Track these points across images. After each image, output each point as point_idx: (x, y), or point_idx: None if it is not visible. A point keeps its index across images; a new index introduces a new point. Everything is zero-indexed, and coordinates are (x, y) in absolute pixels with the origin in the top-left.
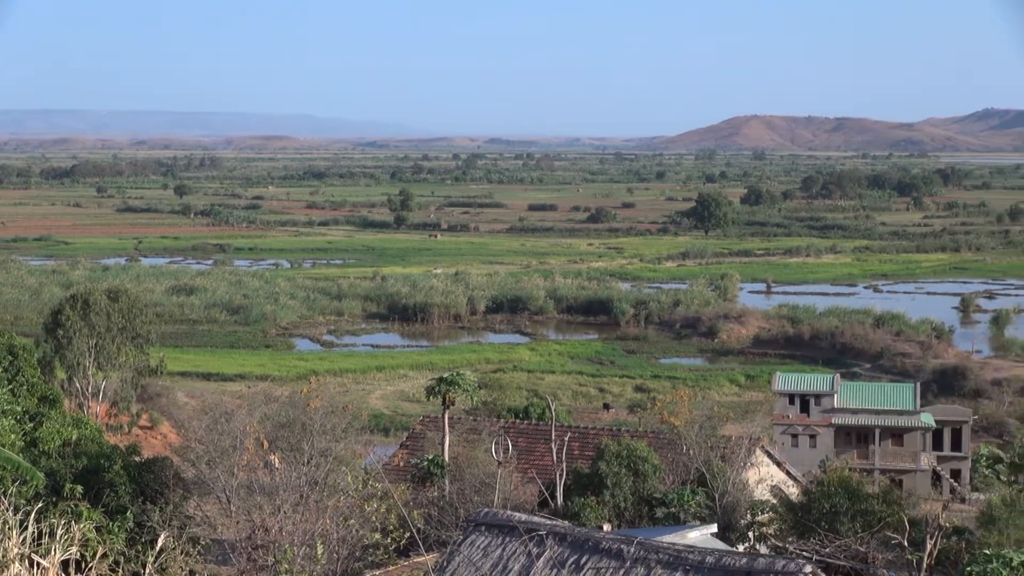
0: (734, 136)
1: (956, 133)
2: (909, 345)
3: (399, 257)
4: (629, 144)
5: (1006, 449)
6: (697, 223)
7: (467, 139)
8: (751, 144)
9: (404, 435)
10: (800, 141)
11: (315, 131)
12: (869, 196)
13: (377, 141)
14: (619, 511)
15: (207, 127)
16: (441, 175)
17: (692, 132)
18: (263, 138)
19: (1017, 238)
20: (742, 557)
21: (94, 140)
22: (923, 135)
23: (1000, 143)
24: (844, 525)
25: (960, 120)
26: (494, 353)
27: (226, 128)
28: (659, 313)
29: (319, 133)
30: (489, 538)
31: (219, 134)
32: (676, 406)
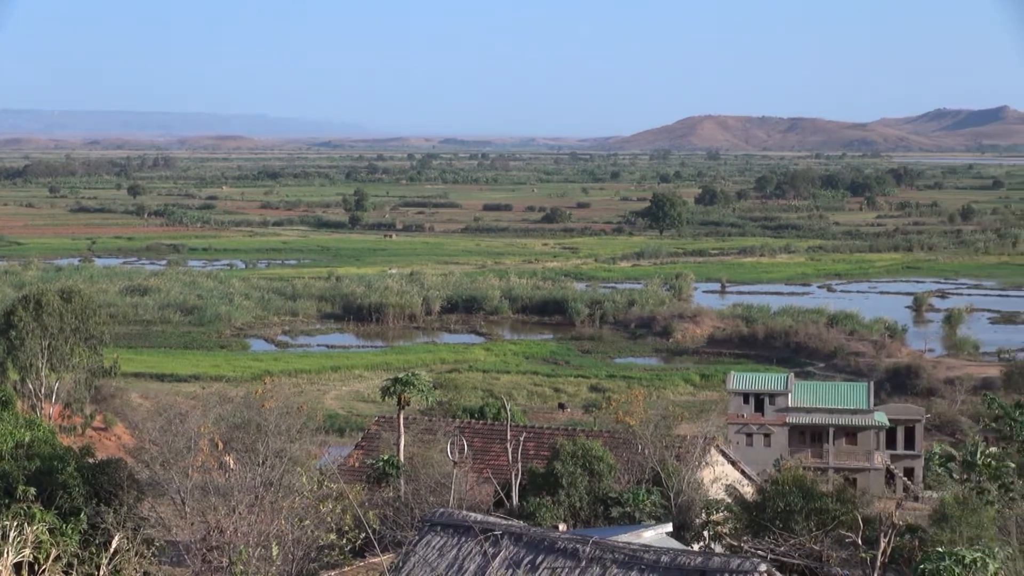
0: (688, 136)
1: (909, 133)
2: (862, 344)
3: (354, 257)
4: (584, 144)
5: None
6: (652, 223)
7: (422, 139)
8: (705, 144)
9: (359, 435)
10: (754, 141)
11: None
12: (823, 196)
13: (332, 141)
14: (574, 511)
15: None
16: (396, 175)
17: (647, 132)
18: (217, 138)
19: (969, 238)
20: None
21: (47, 140)
22: (876, 135)
23: (952, 143)
24: (798, 524)
25: (913, 120)
26: (449, 353)
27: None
28: (614, 313)
29: (273, 133)
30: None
31: (173, 134)
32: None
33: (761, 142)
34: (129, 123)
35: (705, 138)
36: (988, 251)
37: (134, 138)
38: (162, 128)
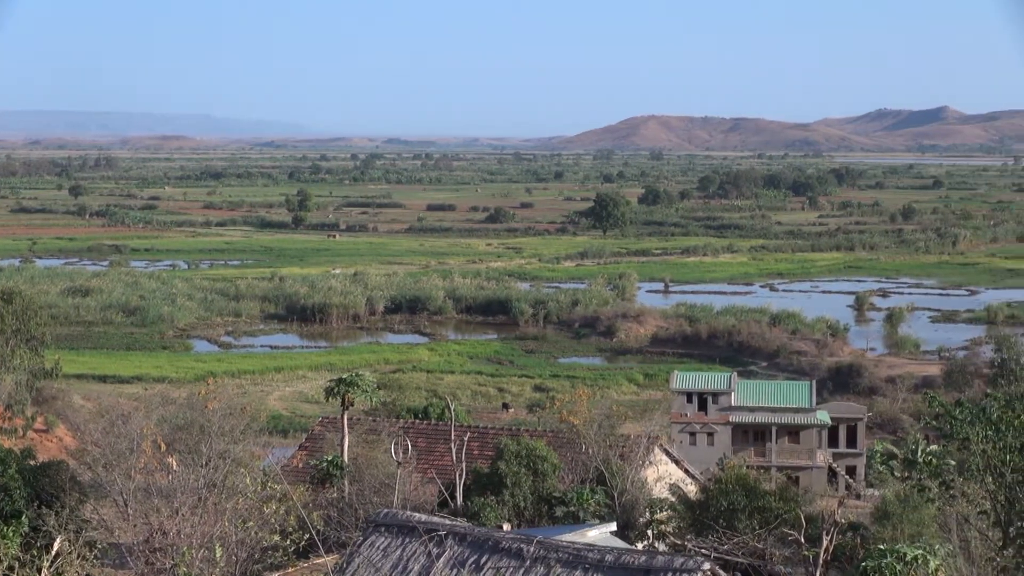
0: (631, 136)
1: (850, 133)
2: (805, 343)
3: (297, 258)
4: (527, 144)
5: (900, 445)
6: (595, 223)
7: (365, 139)
8: (648, 144)
9: (303, 436)
10: (697, 141)
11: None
12: (765, 196)
13: (275, 141)
14: (519, 510)
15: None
16: (339, 175)
17: (590, 132)
18: (159, 138)
19: (910, 237)
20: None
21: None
22: (818, 135)
23: (893, 143)
24: (742, 522)
25: (854, 121)
26: (393, 353)
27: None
28: (558, 313)
29: (216, 133)
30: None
31: (115, 134)
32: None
33: (704, 142)
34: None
35: (648, 138)
36: (929, 250)
37: (76, 138)
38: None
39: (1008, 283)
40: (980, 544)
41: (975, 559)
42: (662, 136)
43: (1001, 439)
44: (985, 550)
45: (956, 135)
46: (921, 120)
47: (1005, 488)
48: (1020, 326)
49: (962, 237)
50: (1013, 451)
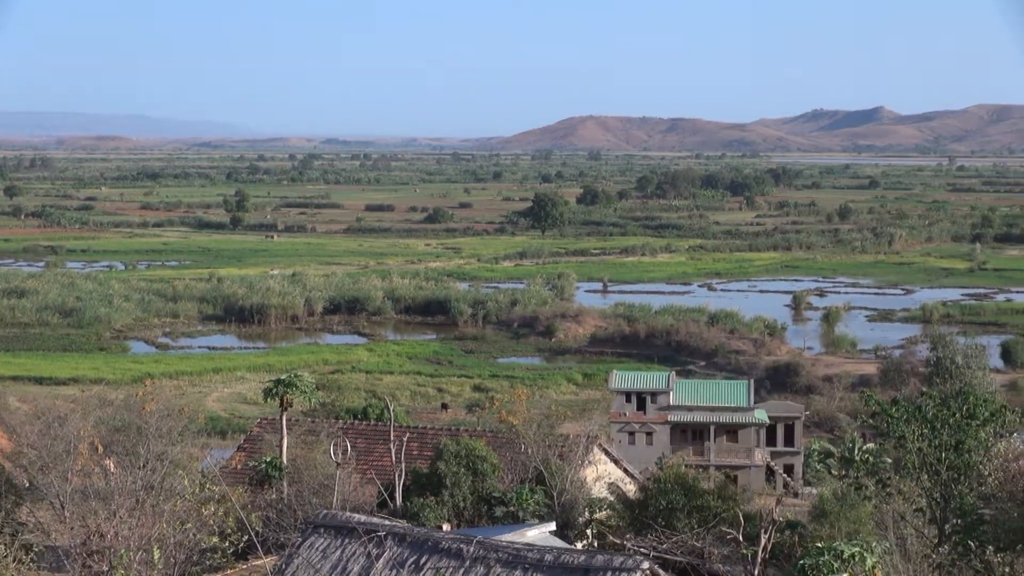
0: (570, 136)
1: (787, 134)
2: (743, 343)
3: (235, 258)
4: (466, 144)
5: (837, 444)
6: (534, 223)
7: (303, 139)
8: (586, 144)
9: (241, 438)
10: (635, 141)
11: (149, 131)
12: (703, 196)
13: (212, 141)
14: (458, 511)
15: (38, 127)
16: (277, 176)
17: (528, 132)
18: (95, 138)
19: (846, 237)
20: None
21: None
22: (755, 135)
23: (829, 143)
24: (680, 521)
25: (791, 121)
26: (332, 354)
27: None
28: (497, 313)
29: (153, 133)
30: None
31: (50, 134)
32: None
33: (642, 142)
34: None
35: (586, 138)
36: (865, 250)
37: (10, 138)
38: (39, 128)
39: (943, 282)
40: (916, 541)
41: (911, 556)
42: (600, 136)
43: (936, 437)
44: (921, 547)
45: (891, 135)
46: (857, 120)
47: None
48: (955, 325)
49: (898, 237)
50: (948, 449)
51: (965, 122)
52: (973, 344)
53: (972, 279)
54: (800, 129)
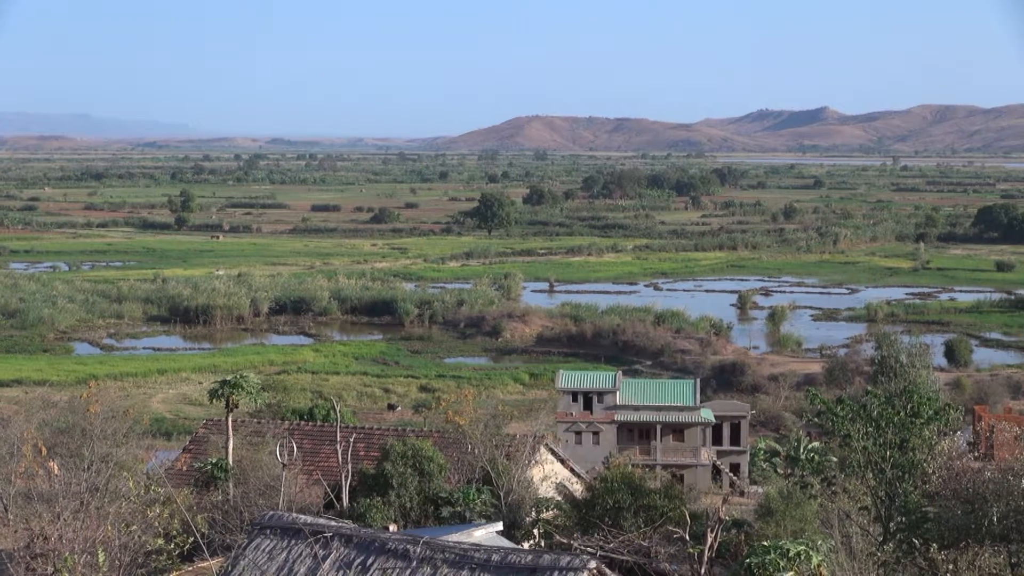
0: (516, 136)
1: (732, 134)
2: (689, 342)
3: (180, 259)
4: (412, 144)
5: (782, 443)
6: (480, 223)
7: (249, 139)
8: (533, 144)
9: (187, 439)
10: (581, 141)
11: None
12: (649, 195)
13: (157, 142)
14: (405, 511)
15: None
16: (222, 176)
17: (474, 132)
18: (39, 138)
19: (791, 236)
20: (527, 554)
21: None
22: (701, 136)
23: (774, 143)
24: (627, 520)
25: (736, 121)
26: (278, 355)
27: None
28: (443, 313)
29: (97, 133)
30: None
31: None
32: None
33: (588, 142)
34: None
35: (532, 138)
36: (810, 249)
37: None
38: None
39: (887, 281)
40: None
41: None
42: (546, 136)
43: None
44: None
45: (836, 135)
46: (802, 120)
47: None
48: (899, 324)
49: (842, 236)
50: (893, 447)
51: (909, 122)
52: (917, 343)
53: (916, 278)
54: (745, 129)
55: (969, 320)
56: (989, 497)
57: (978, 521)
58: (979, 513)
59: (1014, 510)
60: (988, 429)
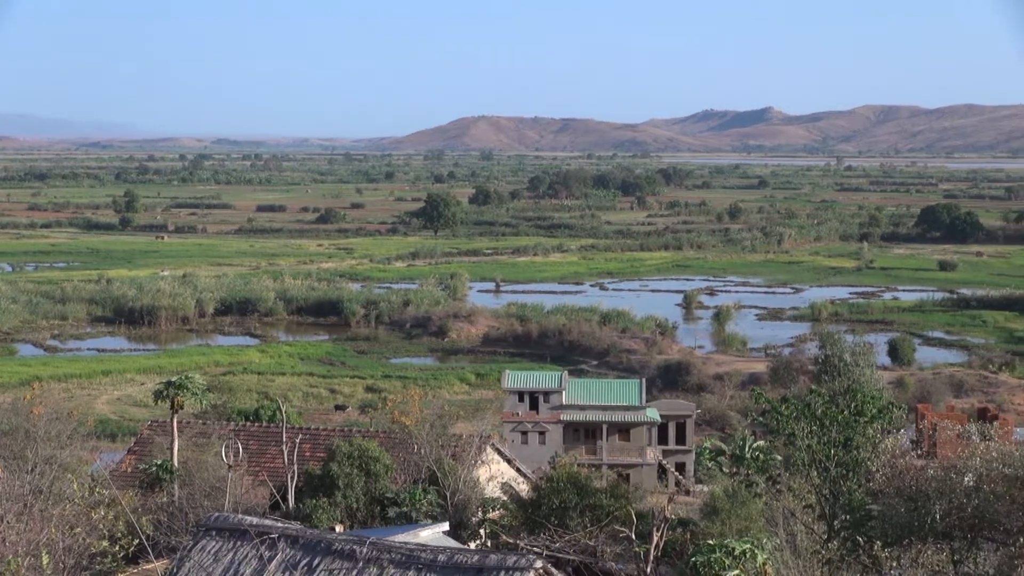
0: (462, 137)
1: (677, 134)
2: (634, 342)
3: (125, 259)
4: (358, 145)
5: (728, 442)
6: (426, 223)
7: (194, 140)
8: (479, 144)
9: (132, 440)
10: (527, 142)
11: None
12: (594, 196)
13: (101, 142)
14: (351, 512)
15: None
16: (167, 176)
17: (420, 133)
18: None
19: (736, 236)
20: (474, 554)
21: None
22: (646, 136)
23: (719, 143)
24: (573, 520)
25: (681, 121)
26: (223, 355)
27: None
28: (389, 313)
29: (41, 133)
30: (220, 542)
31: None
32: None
33: (534, 142)
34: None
35: (478, 139)
36: (754, 249)
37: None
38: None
39: (831, 281)
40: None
41: (801, 552)
42: (492, 136)
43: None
44: (811, 543)
45: (780, 135)
46: (746, 121)
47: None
48: (843, 323)
49: (787, 236)
50: (837, 446)
51: (852, 123)
52: (861, 342)
53: (860, 278)
54: (690, 129)
55: (912, 319)
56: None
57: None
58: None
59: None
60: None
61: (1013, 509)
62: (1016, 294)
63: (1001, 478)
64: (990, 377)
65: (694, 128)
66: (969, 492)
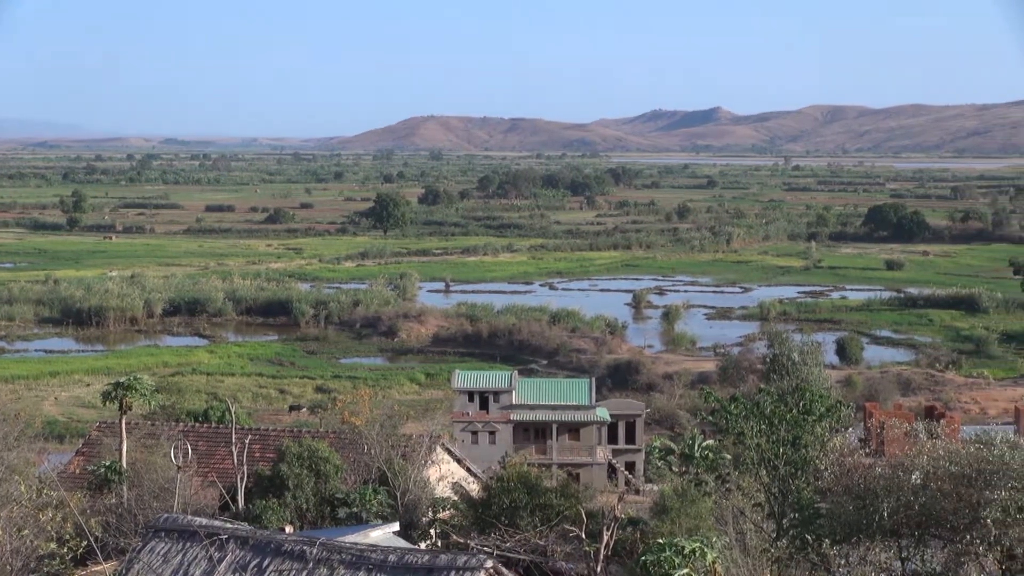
0: (411, 136)
1: (626, 134)
2: (584, 341)
3: (73, 260)
4: (307, 144)
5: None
6: (376, 223)
7: (142, 139)
8: (428, 144)
9: (80, 442)
10: (476, 141)
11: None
12: (544, 195)
13: (48, 141)
14: (301, 512)
15: None
16: (115, 176)
17: (370, 132)
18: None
19: (685, 236)
20: (424, 554)
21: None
22: (595, 136)
23: (668, 143)
24: (524, 519)
25: (630, 121)
26: (172, 356)
27: None
28: (339, 313)
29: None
30: (169, 544)
31: None
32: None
33: (483, 142)
34: None
35: (428, 138)
36: (703, 248)
37: None
38: None
39: (779, 280)
40: (755, 536)
41: (750, 550)
42: (441, 136)
43: (774, 433)
44: (760, 541)
45: (729, 135)
46: (695, 121)
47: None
48: (792, 322)
49: (735, 235)
50: (785, 444)
51: (800, 122)
52: (809, 341)
53: (808, 277)
54: (639, 129)
55: (860, 318)
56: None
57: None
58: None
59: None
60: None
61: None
62: (962, 293)
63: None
64: (937, 376)
65: (643, 128)
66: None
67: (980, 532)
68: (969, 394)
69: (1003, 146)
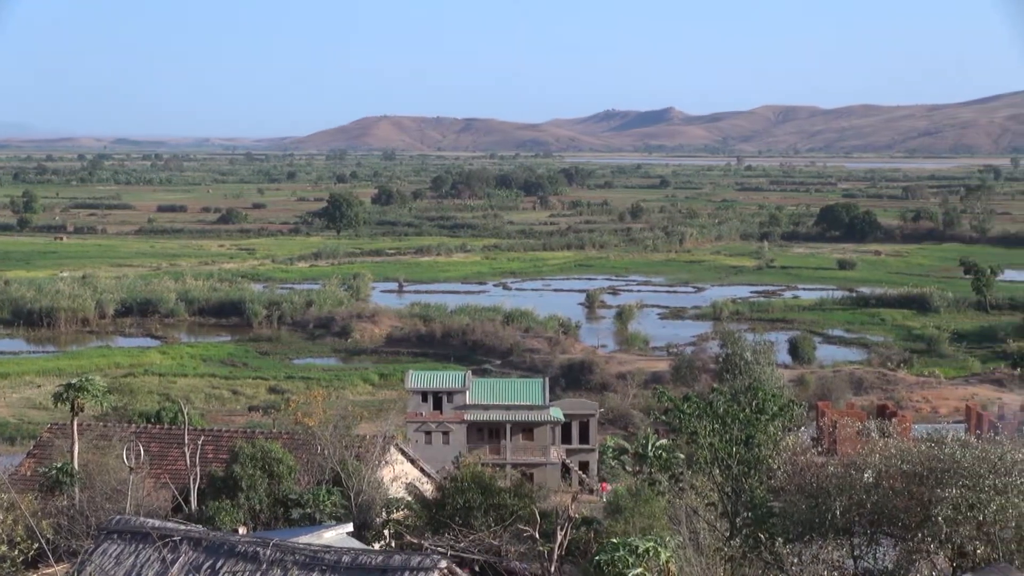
0: (364, 136)
1: (579, 134)
2: (538, 341)
3: (23, 260)
4: (259, 144)
5: (631, 440)
6: (329, 223)
7: (93, 139)
8: (381, 144)
9: (31, 443)
10: (429, 141)
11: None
12: (497, 195)
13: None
14: (254, 513)
15: None
16: (66, 176)
17: (322, 132)
18: None
19: (638, 236)
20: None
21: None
22: (548, 136)
23: (621, 143)
24: (478, 519)
25: (583, 121)
26: (124, 357)
27: None
28: (292, 314)
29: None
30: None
31: None
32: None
33: (436, 142)
34: None
35: (381, 138)
36: (656, 248)
37: None
38: None
39: (732, 280)
40: (709, 535)
41: (704, 549)
42: (395, 136)
43: (727, 432)
44: (714, 540)
45: (681, 135)
46: (648, 121)
47: (732, 480)
48: (744, 322)
49: (688, 235)
50: (738, 443)
51: (752, 123)
52: (761, 340)
53: (760, 277)
54: (592, 129)
55: (812, 318)
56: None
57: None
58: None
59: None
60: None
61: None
62: (914, 292)
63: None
64: (889, 375)
65: (596, 128)
66: (869, 488)
67: (931, 530)
68: (920, 393)
69: (953, 146)
